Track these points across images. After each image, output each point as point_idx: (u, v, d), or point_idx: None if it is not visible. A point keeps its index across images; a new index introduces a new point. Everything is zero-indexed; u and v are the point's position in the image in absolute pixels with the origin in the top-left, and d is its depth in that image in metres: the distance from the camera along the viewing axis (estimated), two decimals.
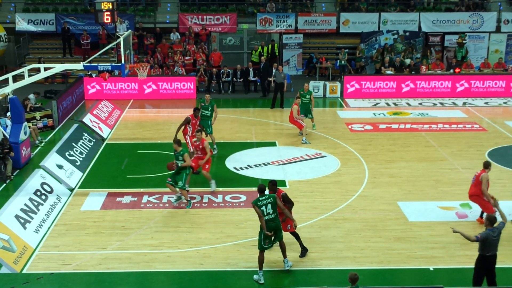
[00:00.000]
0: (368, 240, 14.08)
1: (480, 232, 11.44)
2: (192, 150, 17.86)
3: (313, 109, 22.45)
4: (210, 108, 19.91)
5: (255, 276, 12.49)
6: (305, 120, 21.85)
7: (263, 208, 12.25)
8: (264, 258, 12.42)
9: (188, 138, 18.57)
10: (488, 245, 11.34)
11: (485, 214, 13.22)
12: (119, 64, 19.35)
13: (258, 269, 12.40)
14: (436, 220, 15.16)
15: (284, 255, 12.73)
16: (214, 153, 19.56)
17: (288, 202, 13.09)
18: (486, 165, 14.70)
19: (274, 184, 13.02)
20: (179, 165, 15.83)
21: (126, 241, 14.11)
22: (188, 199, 16.10)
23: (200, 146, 16.73)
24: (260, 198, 12.34)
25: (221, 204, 16.22)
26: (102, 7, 27.53)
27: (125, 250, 13.68)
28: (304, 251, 13.40)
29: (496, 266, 11.70)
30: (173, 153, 16.24)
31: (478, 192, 14.58)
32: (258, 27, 33.41)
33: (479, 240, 11.28)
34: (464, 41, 31.97)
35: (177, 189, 15.94)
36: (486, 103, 27.56)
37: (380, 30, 33.41)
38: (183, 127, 18.63)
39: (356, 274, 10.40)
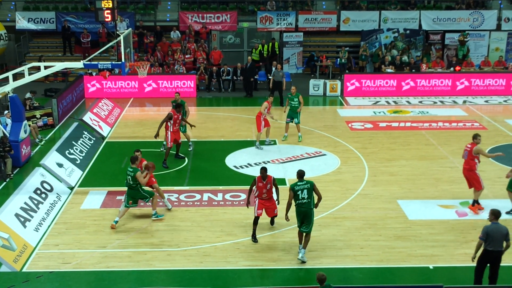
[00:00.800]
0: (368, 239, 14.08)
1: (482, 230, 11.55)
2: (170, 146, 18.67)
3: (300, 109, 21.31)
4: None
5: (300, 255, 12.95)
6: (290, 126, 21.46)
7: (299, 192, 12.88)
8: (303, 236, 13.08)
9: (169, 133, 18.74)
10: (491, 239, 11.34)
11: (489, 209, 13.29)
12: (119, 62, 19.35)
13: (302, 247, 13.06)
14: (436, 219, 15.17)
15: (304, 246, 13.08)
16: (189, 149, 20.08)
17: (275, 187, 14.10)
18: (474, 136, 15.52)
19: (265, 170, 13.99)
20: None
21: (126, 240, 14.12)
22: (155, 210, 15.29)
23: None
24: (298, 183, 12.98)
25: (221, 203, 16.22)
26: (102, 5, 27.49)
27: (125, 249, 13.69)
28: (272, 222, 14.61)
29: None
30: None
31: (473, 167, 15.34)
32: (258, 25, 33.39)
33: (483, 237, 11.40)
34: (466, 39, 31.96)
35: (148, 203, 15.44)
36: (486, 101, 27.55)
37: (380, 28, 33.40)
38: (164, 123, 18.79)
39: (323, 275, 10.44)
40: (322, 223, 14.93)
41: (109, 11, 26.60)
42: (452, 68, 30.19)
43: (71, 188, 17.11)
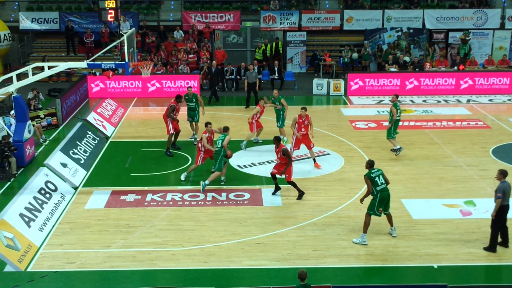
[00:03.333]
0: (372, 238, 14.06)
1: (498, 189, 12.96)
2: (172, 132, 19.99)
3: (286, 114, 20.72)
4: (194, 100, 21.09)
5: (358, 239, 13.80)
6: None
7: (377, 179, 13.72)
8: (370, 223, 13.73)
9: (170, 123, 19.93)
10: (506, 196, 12.97)
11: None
12: (123, 62, 19.37)
13: (362, 232, 13.80)
14: (440, 218, 15.15)
15: (391, 224, 14.13)
16: (194, 143, 20.71)
17: (288, 157, 16.06)
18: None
19: (278, 140, 16.38)
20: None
21: (130, 239, 14.13)
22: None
23: (213, 138, 17.64)
24: (372, 171, 13.80)
25: (225, 202, 16.23)
26: (106, 5, 27.60)
27: (129, 248, 13.70)
28: (301, 194, 16.26)
29: (494, 264, 12.73)
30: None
31: None
32: (261, 25, 33.39)
33: (502, 196, 12.90)
34: (467, 38, 31.90)
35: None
36: (490, 100, 27.50)
37: (384, 27, 33.36)
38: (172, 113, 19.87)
39: (303, 271, 10.47)
40: (326, 222, 14.93)
41: (112, 11, 26.74)
42: (456, 67, 30.16)
43: (75, 188, 17.14)
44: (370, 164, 13.92)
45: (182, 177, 17.77)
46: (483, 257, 13.24)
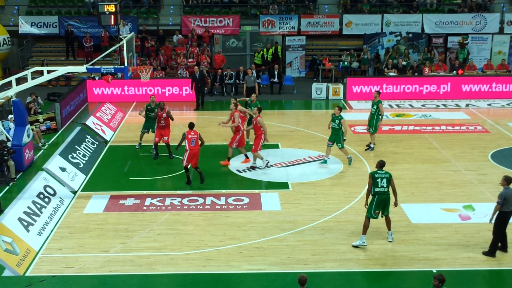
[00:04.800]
0: (371, 242, 14.05)
1: (499, 195, 13.01)
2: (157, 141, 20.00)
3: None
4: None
5: (357, 242, 13.82)
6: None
7: (378, 180, 13.67)
8: (369, 225, 13.81)
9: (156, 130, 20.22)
10: (507, 202, 12.96)
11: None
12: (122, 66, 19.37)
13: (362, 234, 13.86)
14: (439, 222, 15.14)
15: (389, 228, 14.12)
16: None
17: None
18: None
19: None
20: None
21: (129, 244, 14.12)
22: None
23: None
24: (379, 171, 13.80)
25: (223, 207, 16.21)
26: (105, 10, 27.62)
27: (128, 253, 13.68)
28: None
29: (493, 268, 12.69)
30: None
31: None
32: (261, 29, 33.44)
33: (502, 202, 12.94)
34: (465, 42, 31.95)
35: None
36: (489, 104, 27.52)
37: (383, 31, 33.41)
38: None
39: (304, 276, 10.41)
40: (325, 227, 14.92)
41: (112, 16, 26.75)
42: (454, 72, 30.19)
43: (74, 192, 17.13)
44: (380, 164, 13.99)
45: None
46: (482, 261, 13.23)
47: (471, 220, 15.30)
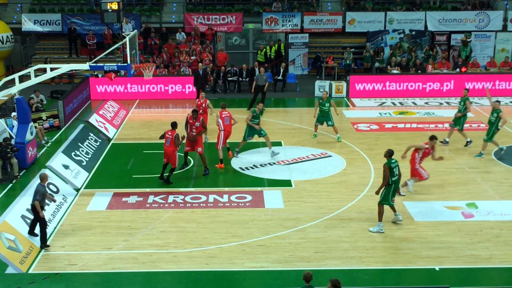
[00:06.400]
0: (374, 240, 14.05)
1: None
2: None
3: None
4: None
5: (375, 228, 14.34)
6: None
7: (395, 169, 14.33)
8: (384, 211, 14.38)
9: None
10: None
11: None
12: (125, 64, 19.39)
13: (378, 221, 14.41)
14: (442, 220, 15.12)
15: (394, 210, 14.79)
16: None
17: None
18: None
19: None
20: None
21: (132, 241, 14.13)
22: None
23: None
24: (392, 161, 14.35)
25: (226, 204, 16.22)
26: (108, 7, 27.65)
27: (131, 250, 13.70)
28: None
29: (496, 266, 12.54)
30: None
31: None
32: (264, 27, 33.39)
33: None
34: (468, 39, 31.87)
35: None
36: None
37: (386, 29, 33.34)
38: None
39: (309, 273, 10.41)
40: (328, 224, 14.92)
41: (114, 13, 26.76)
42: (458, 69, 30.13)
43: (77, 190, 17.15)
44: (390, 153, 14.41)
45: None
46: (485, 259, 13.21)
47: (474, 218, 15.28)
